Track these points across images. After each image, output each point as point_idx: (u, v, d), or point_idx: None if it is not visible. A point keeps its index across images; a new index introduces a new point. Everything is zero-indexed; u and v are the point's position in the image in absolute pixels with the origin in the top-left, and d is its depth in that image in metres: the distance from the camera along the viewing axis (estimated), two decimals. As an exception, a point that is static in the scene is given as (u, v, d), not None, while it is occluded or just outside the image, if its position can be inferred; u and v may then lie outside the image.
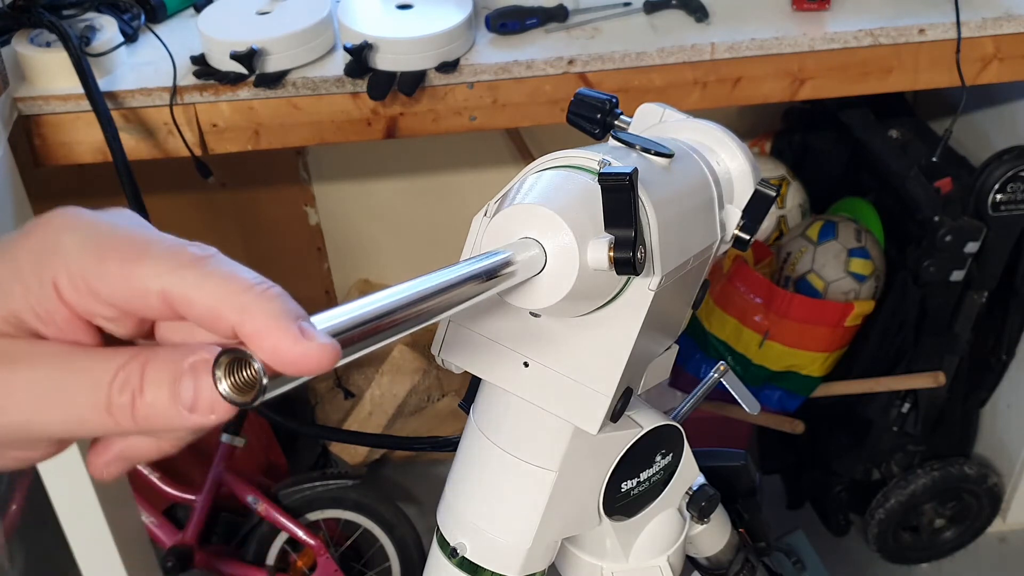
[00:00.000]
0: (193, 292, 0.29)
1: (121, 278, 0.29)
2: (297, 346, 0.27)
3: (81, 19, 1.31)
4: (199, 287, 0.29)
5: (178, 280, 0.29)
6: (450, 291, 0.34)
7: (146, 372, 0.29)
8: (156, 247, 0.30)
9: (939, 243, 1.66)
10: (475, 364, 0.49)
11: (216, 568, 1.78)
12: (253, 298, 0.28)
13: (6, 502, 1.32)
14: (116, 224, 0.31)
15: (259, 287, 0.28)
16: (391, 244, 2.27)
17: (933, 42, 1.37)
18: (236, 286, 0.28)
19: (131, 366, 0.29)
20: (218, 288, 0.28)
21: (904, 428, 1.88)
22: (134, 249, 0.30)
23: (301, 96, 1.31)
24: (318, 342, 0.28)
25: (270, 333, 0.27)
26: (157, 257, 0.29)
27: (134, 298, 0.29)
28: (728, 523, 0.66)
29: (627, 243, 0.40)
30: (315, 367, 0.27)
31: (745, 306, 1.80)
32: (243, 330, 0.28)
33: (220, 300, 0.28)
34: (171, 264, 0.29)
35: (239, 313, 0.28)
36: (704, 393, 0.69)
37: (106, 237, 0.30)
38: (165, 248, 0.30)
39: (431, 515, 1.13)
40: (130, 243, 0.30)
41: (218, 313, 0.28)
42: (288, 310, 0.28)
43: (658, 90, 1.35)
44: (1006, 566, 2.05)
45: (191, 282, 0.29)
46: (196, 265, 0.29)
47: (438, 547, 0.54)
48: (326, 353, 0.28)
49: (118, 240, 0.30)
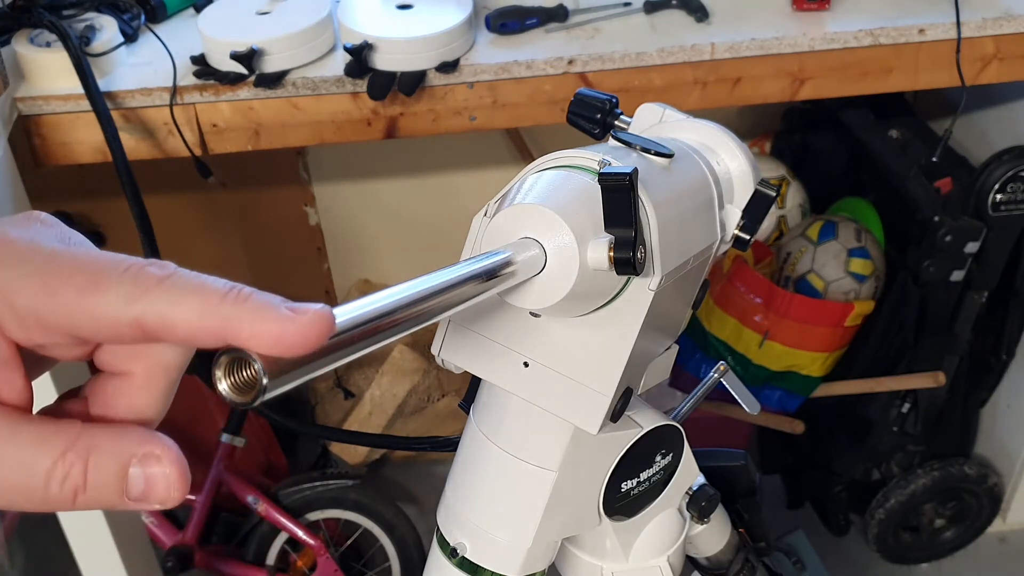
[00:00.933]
0: (171, 314, 0.28)
1: (82, 310, 0.28)
2: (295, 324, 0.27)
3: (81, 19, 1.31)
4: (175, 308, 0.28)
5: (151, 305, 0.28)
6: (450, 291, 0.34)
7: (90, 466, 0.28)
8: (111, 272, 0.28)
9: (939, 243, 1.66)
10: (475, 364, 0.49)
11: (216, 568, 1.78)
12: (231, 305, 0.27)
13: (6, 502, 1.31)
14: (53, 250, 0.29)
15: (232, 293, 0.28)
16: (391, 244, 2.27)
17: (933, 42, 1.37)
18: (212, 298, 0.28)
19: (72, 458, 0.28)
20: (196, 305, 0.28)
21: (904, 428, 1.88)
22: (88, 278, 0.28)
23: (301, 96, 1.31)
24: (311, 312, 0.27)
25: (265, 327, 0.27)
26: (119, 283, 0.28)
27: (100, 328, 0.28)
28: (728, 523, 0.66)
29: (627, 243, 0.40)
30: (318, 336, 0.27)
31: (745, 306, 1.80)
32: (239, 337, 0.27)
33: (202, 316, 0.27)
34: (137, 289, 0.28)
35: (226, 324, 0.27)
36: (704, 393, 0.68)
37: (50, 267, 0.28)
38: (124, 272, 0.28)
39: (431, 515, 1.13)
40: (80, 270, 0.28)
41: (202, 329, 0.28)
42: (268, 299, 0.28)
43: (658, 90, 1.35)
44: (1006, 566, 2.05)
45: (165, 304, 0.28)
46: (164, 286, 0.28)
47: (438, 547, 0.54)
48: (323, 319, 0.28)
49: (64, 268, 0.28)
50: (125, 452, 0.28)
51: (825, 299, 1.79)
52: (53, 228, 0.31)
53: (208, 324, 0.27)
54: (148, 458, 0.28)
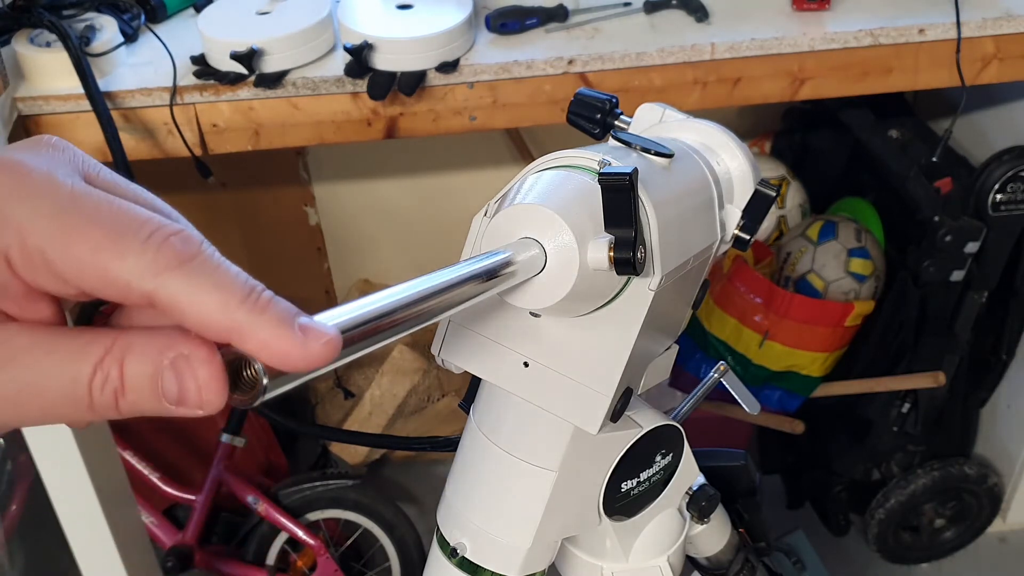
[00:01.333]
0: (185, 303, 0.27)
1: (94, 268, 0.27)
2: (304, 349, 0.27)
3: (81, 19, 1.31)
4: (191, 299, 0.27)
5: (166, 286, 0.27)
6: (450, 291, 0.34)
7: (125, 368, 0.27)
8: (132, 236, 0.27)
9: (939, 243, 1.66)
10: (475, 364, 0.49)
11: (216, 568, 1.78)
12: (248, 312, 0.27)
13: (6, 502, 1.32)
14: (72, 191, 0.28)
15: (252, 298, 0.27)
16: (391, 244, 2.27)
17: (933, 42, 1.37)
18: (232, 299, 0.27)
19: (109, 362, 0.27)
20: (213, 302, 0.27)
21: (904, 428, 1.88)
22: (106, 235, 0.27)
23: (301, 96, 1.31)
24: (323, 340, 0.27)
25: (275, 344, 0.27)
26: (139, 252, 0.27)
27: (109, 289, 0.27)
28: (728, 523, 0.66)
29: (627, 243, 0.40)
30: (323, 362, 0.27)
31: (745, 306, 1.80)
32: (245, 345, 0.27)
33: (214, 314, 0.27)
34: (156, 266, 0.27)
35: (238, 329, 0.27)
36: (704, 393, 0.68)
37: (67, 212, 0.27)
38: (146, 240, 0.27)
39: (431, 515, 1.13)
40: (99, 224, 0.27)
41: (212, 326, 0.27)
42: (284, 314, 0.27)
43: (658, 90, 1.35)
44: (1006, 566, 2.05)
45: (182, 291, 0.27)
46: (184, 269, 0.27)
47: (438, 547, 0.54)
48: (331, 348, 0.27)
49: (83, 217, 0.27)
50: (156, 351, 0.27)
51: (825, 299, 1.79)
52: (65, 153, 0.29)
53: (219, 323, 0.27)
54: (178, 360, 0.27)
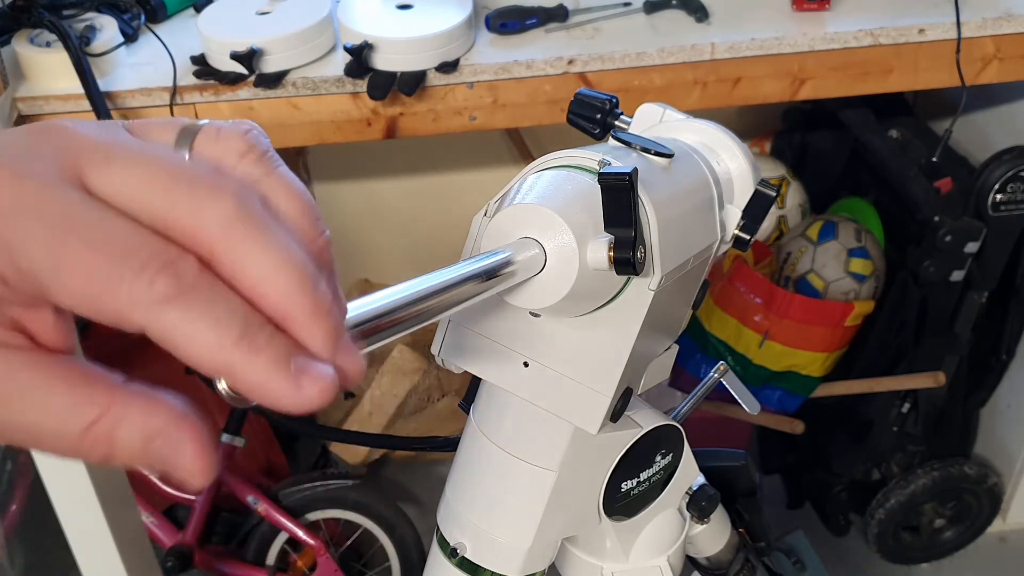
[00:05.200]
0: (177, 339, 0.26)
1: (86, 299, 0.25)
2: (298, 393, 0.27)
3: (81, 19, 1.31)
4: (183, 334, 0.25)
5: (158, 320, 0.25)
6: (450, 291, 0.34)
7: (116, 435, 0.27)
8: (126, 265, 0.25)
9: (939, 243, 1.66)
10: (475, 364, 0.49)
11: (216, 568, 1.78)
12: (243, 353, 0.26)
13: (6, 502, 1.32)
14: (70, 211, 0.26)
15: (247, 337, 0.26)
16: (391, 244, 2.27)
17: (933, 42, 1.37)
18: (226, 338, 0.26)
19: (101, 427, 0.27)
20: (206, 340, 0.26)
21: (904, 428, 1.88)
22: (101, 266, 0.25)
23: (301, 96, 1.31)
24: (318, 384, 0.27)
25: (268, 387, 0.26)
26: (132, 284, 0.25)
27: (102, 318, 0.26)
28: (728, 523, 0.66)
29: (627, 243, 0.40)
30: (318, 405, 0.27)
31: (745, 306, 1.80)
32: (237, 385, 0.26)
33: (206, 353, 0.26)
34: (148, 299, 0.25)
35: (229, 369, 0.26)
36: (704, 393, 0.69)
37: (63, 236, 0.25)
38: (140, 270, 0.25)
39: (431, 515, 1.13)
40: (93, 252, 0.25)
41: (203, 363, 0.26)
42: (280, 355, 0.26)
43: (658, 90, 1.35)
44: (1006, 566, 2.05)
45: (174, 327, 0.25)
46: (177, 303, 0.25)
47: (438, 547, 0.54)
48: (327, 390, 0.27)
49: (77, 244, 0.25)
50: (151, 429, 0.27)
51: (825, 299, 1.79)
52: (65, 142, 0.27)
53: (212, 362, 0.26)
54: (167, 445, 0.27)
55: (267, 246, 0.27)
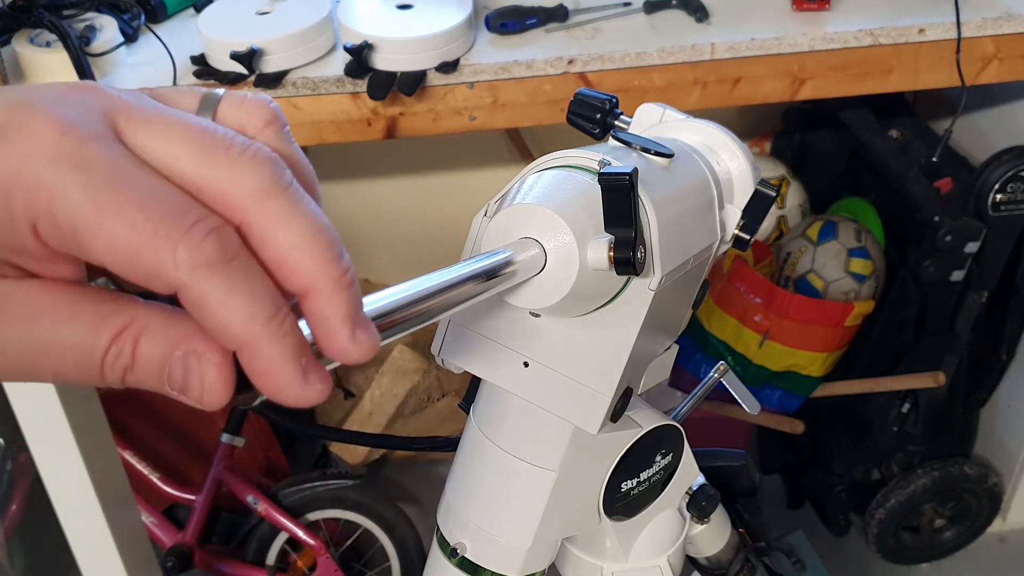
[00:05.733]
0: (213, 305, 0.26)
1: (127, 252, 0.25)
2: (302, 388, 0.27)
3: (81, 19, 1.31)
4: (220, 302, 0.26)
5: (199, 283, 0.26)
6: (450, 291, 0.34)
7: (138, 348, 0.27)
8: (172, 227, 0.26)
9: (939, 243, 1.66)
10: (475, 364, 0.49)
11: (216, 568, 1.78)
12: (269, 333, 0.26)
13: (6, 502, 1.31)
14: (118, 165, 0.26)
15: (277, 319, 0.26)
16: (391, 244, 2.27)
17: (933, 42, 1.37)
18: (259, 313, 0.26)
19: (124, 339, 0.27)
20: (241, 311, 0.26)
21: (904, 428, 1.88)
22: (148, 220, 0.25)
23: (301, 96, 1.31)
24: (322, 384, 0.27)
25: (277, 374, 0.27)
26: (177, 246, 0.25)
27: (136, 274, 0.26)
28: (728, 523, 0.66)
29: (627, 243, 0.40)
30: (315, 402, 0.28)
31: (745, 306, 1.80)
32: (248, 366, 0.27)
33: (237, 324, 0.26)
34: (194, 260, 0.25)
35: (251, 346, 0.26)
36: (704, 393, 0.69)
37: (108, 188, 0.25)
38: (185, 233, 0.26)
39: (431, 515, 1.13)
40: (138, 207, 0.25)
41: (228, 335, 0.26)
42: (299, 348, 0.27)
43: (658, 90, 1.35)
44: (1006, 566, 2.05)
45: (213, 293, 0.26)
46: (223, 269, 0.26)
47: (438, 547, 0.54)
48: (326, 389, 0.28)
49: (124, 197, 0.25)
50: (171, 341, 0.27)
51: (825, 299, 1.79)
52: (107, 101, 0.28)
53: (239, 335, 0.26)
54: (190, 356, 0.27)
55: (300, 215, 0.28)
